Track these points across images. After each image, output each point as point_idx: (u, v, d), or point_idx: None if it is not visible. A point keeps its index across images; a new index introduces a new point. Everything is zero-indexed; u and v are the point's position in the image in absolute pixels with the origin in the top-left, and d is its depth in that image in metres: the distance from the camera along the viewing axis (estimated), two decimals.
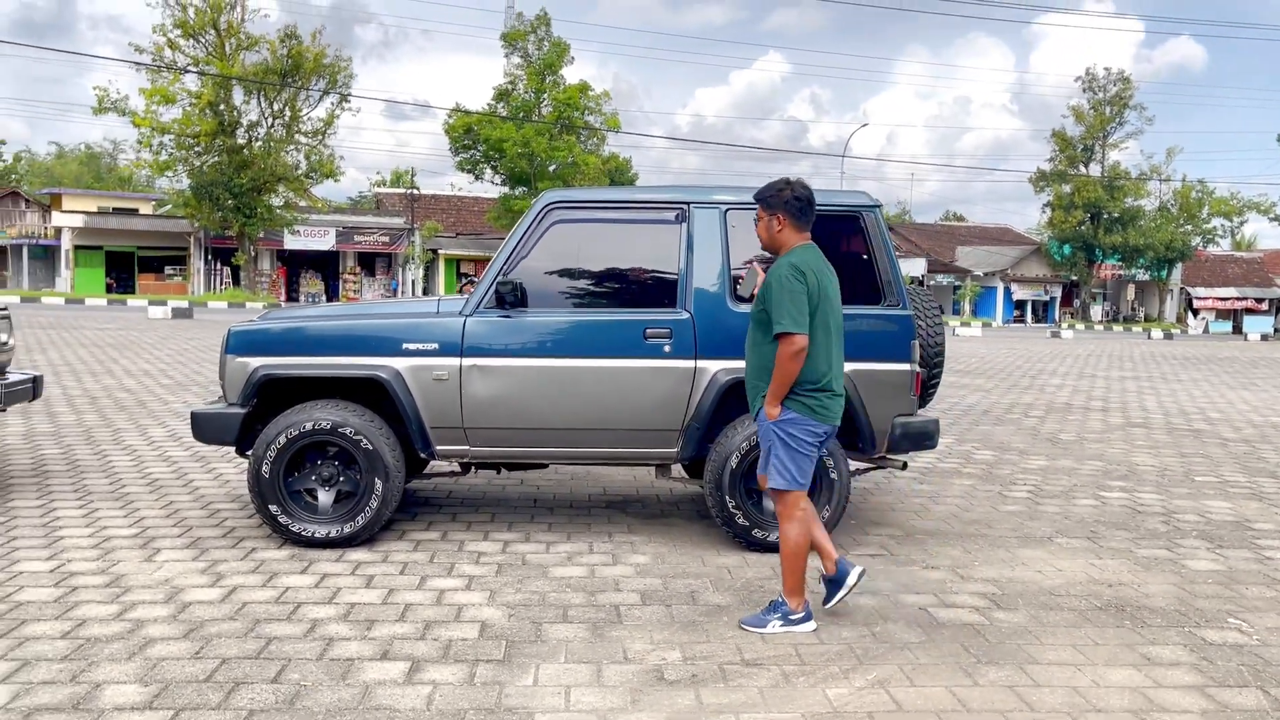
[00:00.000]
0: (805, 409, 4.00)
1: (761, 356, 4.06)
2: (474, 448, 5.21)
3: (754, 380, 4.14)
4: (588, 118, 43.63)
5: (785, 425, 4.00)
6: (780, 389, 3.96)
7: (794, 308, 3.88)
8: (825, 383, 4.02)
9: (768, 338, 4.00)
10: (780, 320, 3.89)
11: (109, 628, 3.87)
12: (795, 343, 3.88)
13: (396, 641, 3.82)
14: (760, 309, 4.05)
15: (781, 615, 4.05)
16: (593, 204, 5.36)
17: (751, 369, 4.15)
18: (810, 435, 4.02)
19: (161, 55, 37.78)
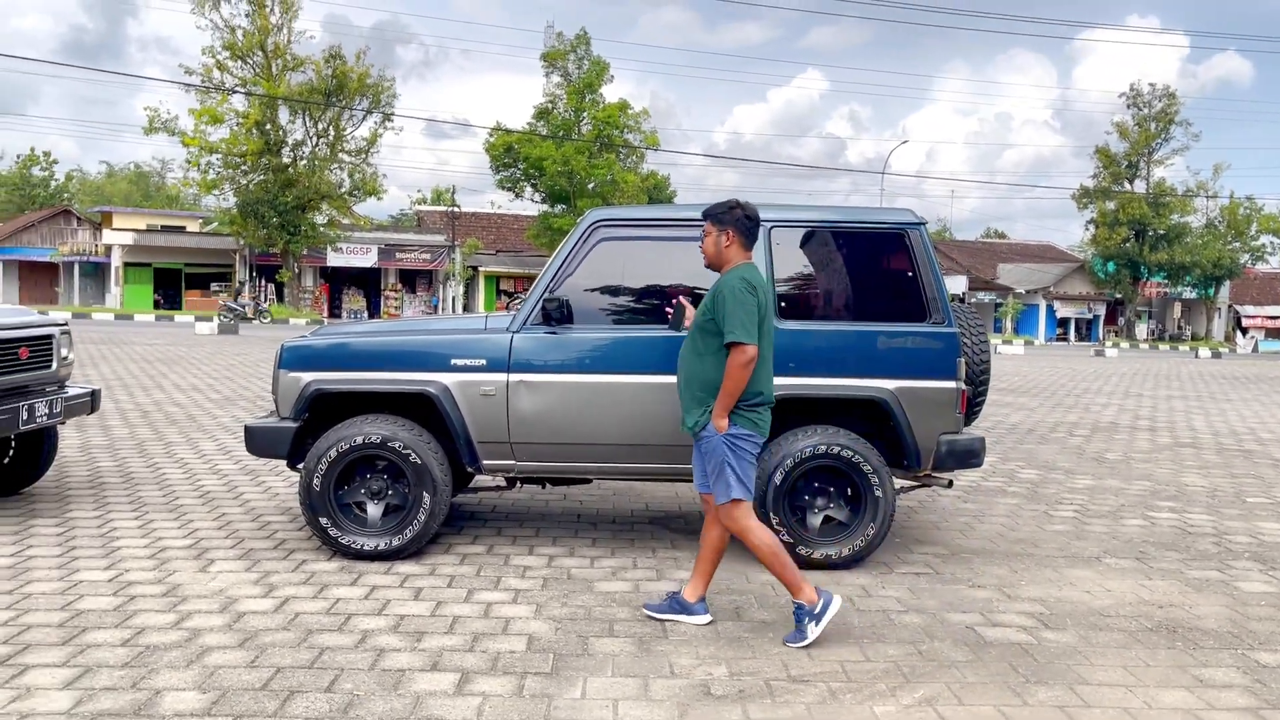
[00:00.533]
0: (749, 422, 4.13)
1: (702, 368, 4.14)
2: (520, 462, 5.26)
3: (694, 391, 4.18)
4: (627, 136, 43.90)
5: (735, 438, 4.09)
6: (730, 399, 4.05)
7: (747, 319, 4.00)
8: (766, 397, 4.17)
9: (711, 348, 4.10)
10: (733, 330, 3.98)
11: (167, 636, 3.96)
12: (747, 352, 3.98)
13: (446, 653, 3.87)
14: (708, 319, 4.12)
15: (809, 615, 4.09)
16: (638, 222, 5.42)
17: (688, 379, 4.21)
18: (754, 447, 4.15)
19: (210, 76, 38.61)
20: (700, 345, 4.16)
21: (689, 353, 4.22)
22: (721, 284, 4.10)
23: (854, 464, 5.07)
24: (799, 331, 5.20)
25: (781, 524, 5.07)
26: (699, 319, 4.19)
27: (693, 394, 4.18)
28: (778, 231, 5.28)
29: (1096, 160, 54.97)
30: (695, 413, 4.17)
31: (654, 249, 5.40)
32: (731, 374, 4.00)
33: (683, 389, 4.24)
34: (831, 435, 5.10)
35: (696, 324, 4.21)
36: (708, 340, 4.12)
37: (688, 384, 4.21)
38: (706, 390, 4.12)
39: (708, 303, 4.14)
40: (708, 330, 4.13)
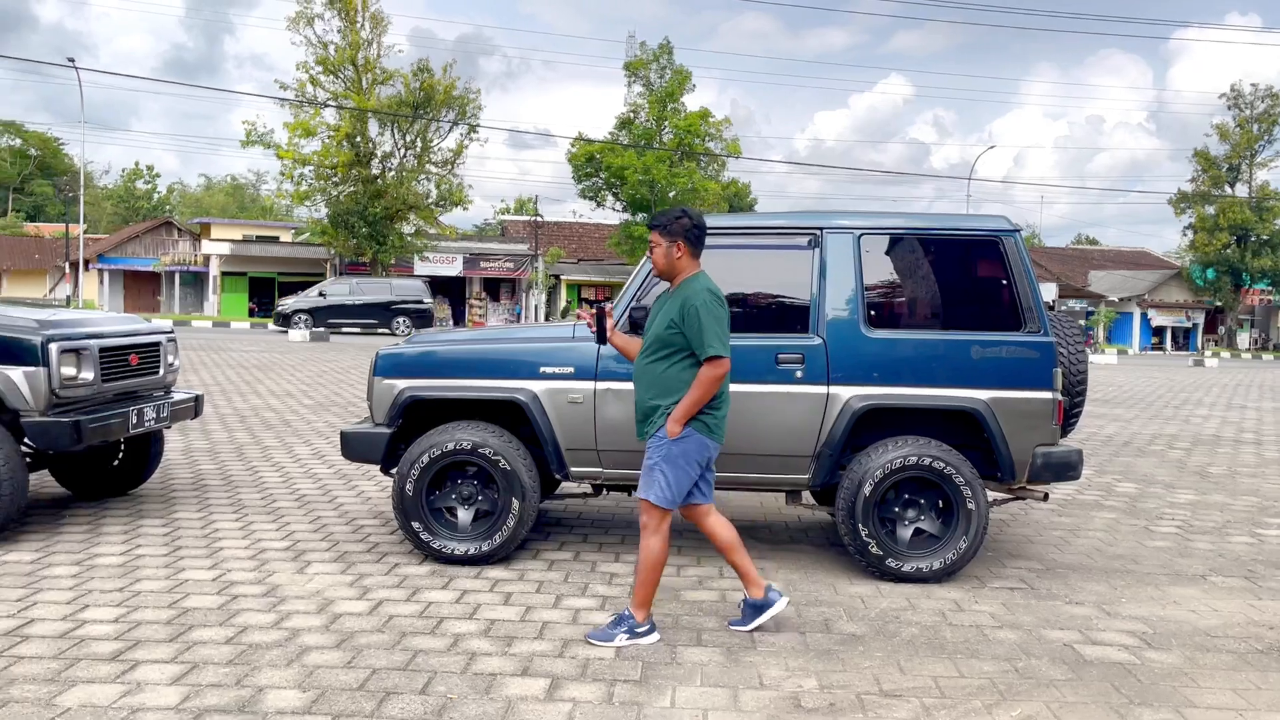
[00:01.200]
0: (705, 428, 4.11)
1: (665, 378, 4.11)
2: (607, 469, 5.29)
3: (653, 399, 4.15)
4: (708, 144, 43.88)
5: (682, 443, 4.08)
6: (693, 408, 4.04)
7: (722, 331, 4.03)
8: (724, 402, 4.19)
9: (674, 358, 4.10)
10: (711, 344, 3.99)
11: (268, 635, 4.08)
12: (723, 366, 4.01)
13: (536, 658, 3.91)
14: (674, 331, 4.08)
15: (628, 629, 4.11)
16: (724, 230, 5.41)
17: (648, 388, 4.17)
18: (702, 455, 4.13)
19: (304, 91, 39.73)
20: (662, 355, 4.14)
21: (650, 362, 4.19)
22: (689, 297, 4.07)
23: (946, 475, 4.97)
24: (887, 340, 5.13)
25: (871, 535, 5.00)
26: (661, 330, 4.14)
27: (652, 403, 4.16)
28: (867, 239, 5.23)
29: (1195, 163, 53.08)
30: (657, 421, 4.15)
31: (740, 257, 5.38)
32: (704, 384, 4.01)
33: (641, 398, 4.21)
34: (922, 446, 5.01)
35: (658, 335, 4.16)
36: (670, 350, 4.11)
37: (647, 393, 4.18)
38: (667, 399, 4.11)
39: (673, 314, 4.10)
40: (672, 342, 4.10)
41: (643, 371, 4.23)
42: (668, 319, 4.12)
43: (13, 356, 5.19)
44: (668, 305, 4.16)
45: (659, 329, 4.17)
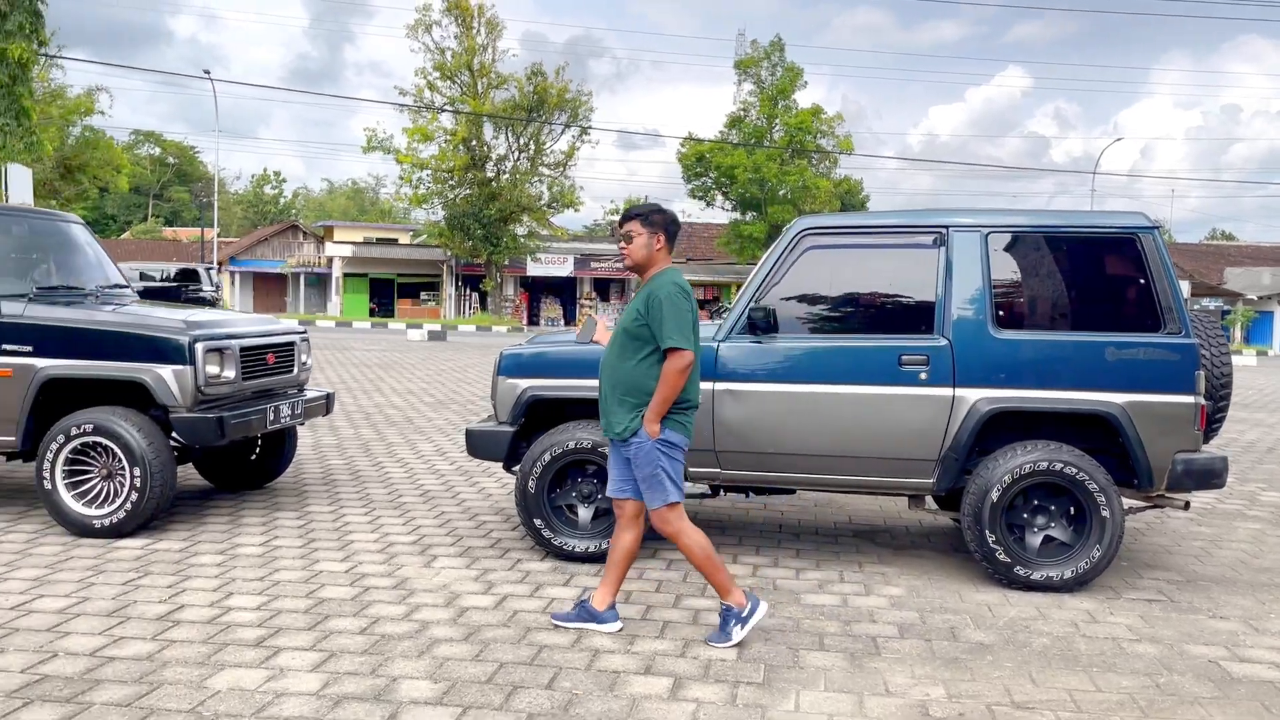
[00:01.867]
0: (680, 426, 4.10)
1: (631, 373, 4.06)
2: (724, 471, 5.29)
3: (621, 396, 4.09)
4: (820, 141, 43.36)
5: (667, 443, 4.06)
6: (664, 405, 4.01)
7: (684, 324, 4.00)
8: (694, 402, 4.17)
9: (641, 353, 4.05)
10: (671, 336, 3.95)
11: (399, 627, 4.21)
12: (685, 358, 3.97)
13: (659, 657, 3.94)
14: (640, 324, 4.04)
15: (737, 618, 4.07)
16: (847, 229, 5.35)
17: (614, 384, 4.11)
18: (681, 452, 4.12)
19: (421, 97, 40.85)
20: (629, 350, 4.09)
21: (615, 358, 4.14)
22: (655, 289, 4.04)
23: (1079, 482, 4.80)
24: (1014, 341, 4.99)
25: (998, 542, 4.87)
26: (629, 323, 4.10)
27: (619, 399, 4.10)
28: (995, 237, 5.09)
29: None
30: (624, 418, 4.08)
31: (864, 256, 5.31)
32: (669, 379, 3.97)
33: (608, 394, 4.15)
34: (1053, 451, 4.85)
35: (625, 328, 4.12)
36: (638, 345, 4.07)
37: (614, 389, 4.12)
38: (635, 395, 4.06)
39: (639, 307, 4.07)
40: (639, 335, 4.06)
41: (608, 366, 4.18)
42: (634, 312, 4.09)
43: (163, 356, 5.49)
44: (636, 298, 4.13)
45: (626, 321, 4.13)
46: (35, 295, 5.81)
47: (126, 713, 3.30)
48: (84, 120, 39.27)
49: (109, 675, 3.61)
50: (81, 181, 39.70)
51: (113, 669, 3.66)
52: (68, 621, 4.15)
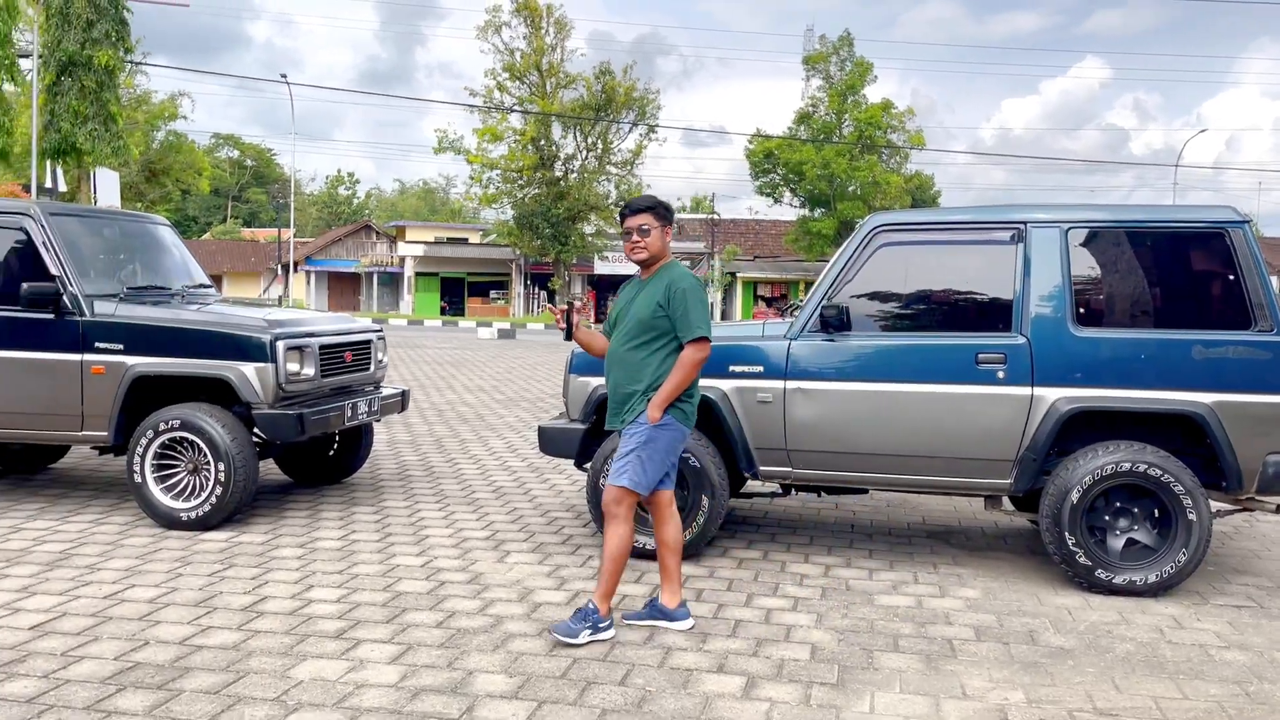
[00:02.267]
0: (682, 415, 4.10)
1: (649, 362, 4.07)
2: (796, 469, 5.26)
3: (631, 386, 4.09)
4: (890, 136, 42.82)
5: (663, 431, 4.04)
6: (675, 392, 4.01)
7: (707, 315, 4.06)
8: (698, 391, 4.24)
9: (656, 344, 4.07)
10: (699, 326, 4.01)
11: (474, 621, 4.27)
12: (706, 349, 4.03)
13: (731, 656, 3.94)
14: (661, 315, 4.05)
15: (594, 625, 4.02)
16: (922, 225, 5.27)
17: (627, 375, 4.11)
18: (678, 443, 4.13)
19: (491, 97, 41.33)
20: (647, 341, 4.09)
21: (632, 348, 4.11)
22: (675, 280, 4.07)
23: (1164, 484, 4.67)
24: (1096, 339, 4.87)
25: (1078, 545, 4.76)
26: (646, 314, 4.08)
27: (629, 389, 4.10)
28: (1075, 233, 4.98)
29: None
30: (637, 407, 4.08)
31: (939, 253, 5.24)
32: (687, 368, 4.00)
33: (623, 383, 4.13)
34: (1136, 452, 4.73)
35: (641, 319, 4.09)
36: (654, 336, 4.08)
37: (630, 380, 4.10)
38: (645, 384, 4.07)
39: (659, 298, 4.06)
40: (656, 327, 4.07)
41: (621, 358, 4.15)
42: (653, 302, 4.07)
43: (245, 353, 5.64)
44: (648, 290, 4.12)
45: (643, 313, 4.10)
46: (126, 295, 6.01)
47: (214, 700, 3.41)
48: (168, 125, 40.57)
49: (197, 663, 3.72)
50: (165, 184, 41.03)
51: (201, 657, 3.78)
52: (158, 611, 4.30)
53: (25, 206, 5.95)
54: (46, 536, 5.48)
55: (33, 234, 5.83)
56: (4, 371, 5.80)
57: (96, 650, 3.83)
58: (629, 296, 4.26)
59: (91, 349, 5.73)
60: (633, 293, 4.26)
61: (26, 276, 5.79)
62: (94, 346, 5.73)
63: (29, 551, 5.18)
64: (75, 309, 5.75)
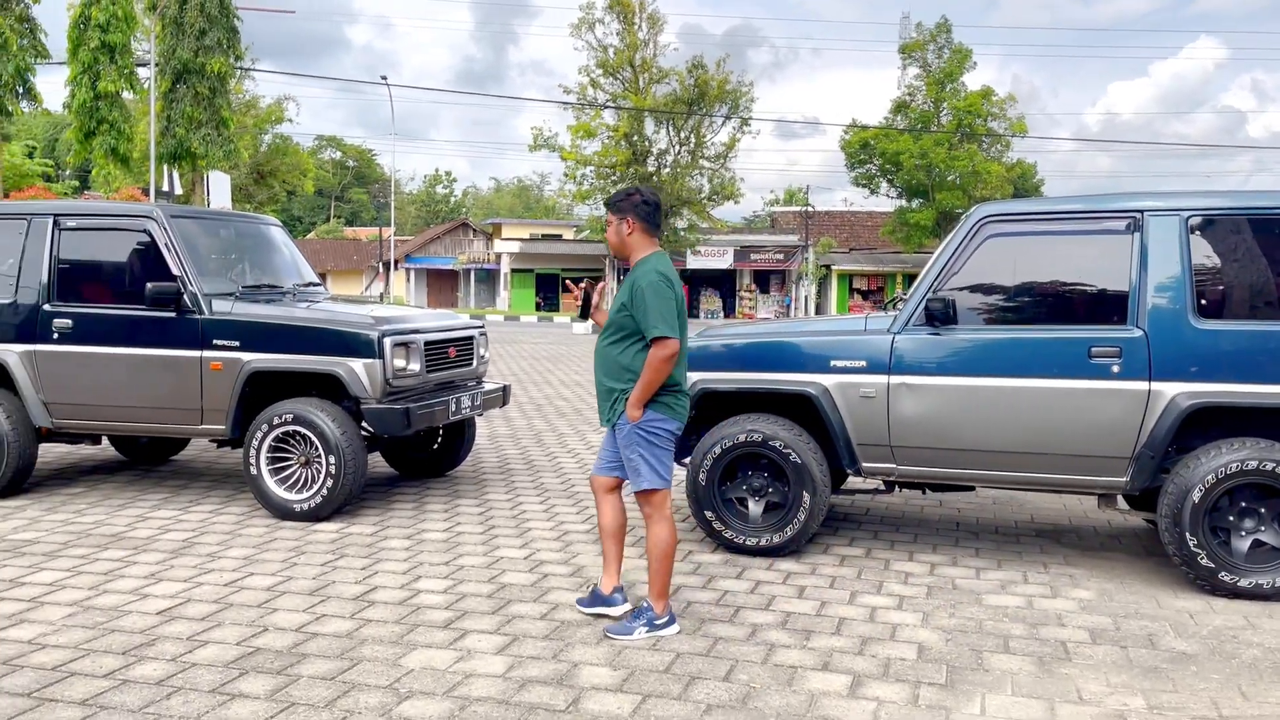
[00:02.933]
0: (666, 408, 4.08)
1: (621, 360, 4.09)
2: (900, 466, 5.17)
3: (609, 383, 4.13)
4: (990, 124, 41.68)
5: (650, 424, 4.05)
6: (648, 391, 4.00)
7: (668, 313, 3.96)
8: (683, 384, 4.16)
9: (626, 341, 4.07)
10: (656, 325, 3.94)
11: (577, 614, 4.32)
12: (670, 346, 3.94)
13: (836, 654, 3.89)
14: (625, 314, 4.05)
15: (647, 621, 4.04)
16: (1032, 215, 5.12)
17: (604, 371, 4.16)
18: (669, 433, 4.11)
19: (585, 94, 41.59)
20: (617, 338, 4.12)
21: (606, 345, 4.16)
22: (638, 277, 4.03)
23: None
24: (1218, 332, 4.66)
25: (1200, 546, 4.57)
26: (614, 313, 4.12)
27: (608, 385, 4.15)
28: (1195, 220, 4.77)
29: None
30: (619, 405, 4.12)
31: (1049, 243, 5.08)
32: (654, 366, 3.96)
33: (602, 379, 4.17)
34: (1264, 450, 4.51)
35: (612, 319, 4.14)
36: (625, 334, 4.09)
37: (609, 375, 4.14)
38: (623, 381, 4.09)
39: (624, 296, 4.06)
40: (625, 325, 4.08)
41: (600, 354, 4.19)
42: (619, 301, 4.10)
43: (354, 350, 5.80)
44: (623, 286, 4.11)
45: (612, 312, 4.15)
46: (241, 294, 6.25)
47: (330, 686, 3.52)
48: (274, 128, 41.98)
49: (313, 650, 3.85)
50: (272, 185, 42.46)
51: (316, 644, 3.91)
52: (275, 599, 4.46)
53: (148, 210, 6.22)
54: (170, 525, 5.74)
55: (155, 236, 6.10)
56: (129, 368, 6.08)
57: (219, 635, 3.99)
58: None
59: (210, 346, 5.96)
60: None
61: (149, 277, 6.05)
62: (212, 343, 5.96)
63: (155, 540, 5.43)
64: (195, 307, 5.99)
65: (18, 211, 6.46)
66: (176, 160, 23.38)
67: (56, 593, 4.51)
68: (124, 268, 6.24)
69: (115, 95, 20.36)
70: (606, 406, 4.19)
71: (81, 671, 3.61)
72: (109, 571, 4.83)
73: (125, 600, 4.41)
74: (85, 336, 6.15)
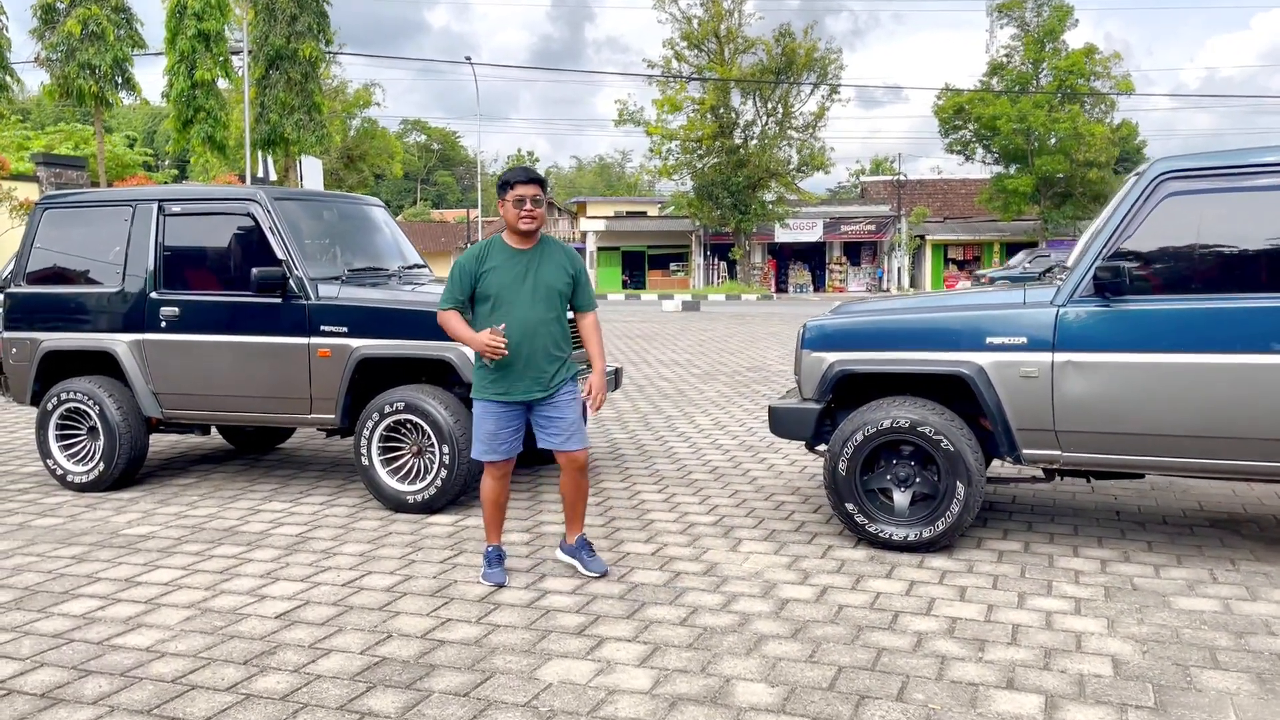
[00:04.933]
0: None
1: (564, 331, 4.34)
2: (1066, 452, 4.67)
3: (558, 352, 4.32)
4: (1094, 84, 39.87)
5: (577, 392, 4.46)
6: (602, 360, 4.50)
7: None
8: None
9: (564, 313, 4.37)
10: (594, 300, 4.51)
11: (720, 619, 3.96)
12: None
13: (1019, 669, 3.46)
14: (569, 285, 4.36)
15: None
16: (1218, 170, 4.54)
17: (552, 342, 4.29)
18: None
19: (670, 67, 41.03)
20: (562, 310, 4.35)
21: (553, 318, 4.30)
22: (572, 255, 4.41)
23: None
24: None
25: None
26: (562, 286, 4.32)
27: (561, 355, 4.34)
28: None
29: None
30: (566, 372, 4.36)
31: (1239, 202, 4.50)
32: (599, 336, 4.47)
33: (551, 350, 4.29)
34: None
35: (556, 289, 4.30)
36: (564, 305, 4.38)
37: (558, 346, 4.31)
38: (564, 350, 4.35)
39: (568, 269, 4.35)
40: (566, 295, 4.37)
41: (546, 326, 4.26)
42: (564, 274, 4.32)
43: None
44: (549, 261, 4.30)
45: (558, 284, 4.30)
46: (347, 278, 6.02)
47: (465, 704, 3.22)
48: (362, 112, 42.42)
49: (442, 660, 3.57)
50: (362, 169, 42.96)
51: (444, 654, 3.63)
52: (396, 601, 4.20)
53: (251, 193, 6.02)
54: (283, 519, 5.55)
55: (260, 219, 5.90)
56: (235, 356, 5.91)
57: (342, 642, 3.74)
58: (520, 269, 4.26)
59: (318, 332, 5.75)
60: (521, 265, 4.27)
61: (253, 262, 5.86)
62: (320, 330, 5.75)
63: (268, 535, 5.24)
64: (301, 292, 5.78)
65: (123, 198, 6.33)
66: (271, 146, 23.65)
67: (173, 593, 4.33)
68: (228, 253, 6.07)
69: (211, 83, 20.66)
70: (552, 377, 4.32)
71: (203, 684, 3.39)
72: (224, 570, 4.65)
73: (243, 602, 4.20)
74: (192, 324, 6.00)
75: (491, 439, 4.32)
